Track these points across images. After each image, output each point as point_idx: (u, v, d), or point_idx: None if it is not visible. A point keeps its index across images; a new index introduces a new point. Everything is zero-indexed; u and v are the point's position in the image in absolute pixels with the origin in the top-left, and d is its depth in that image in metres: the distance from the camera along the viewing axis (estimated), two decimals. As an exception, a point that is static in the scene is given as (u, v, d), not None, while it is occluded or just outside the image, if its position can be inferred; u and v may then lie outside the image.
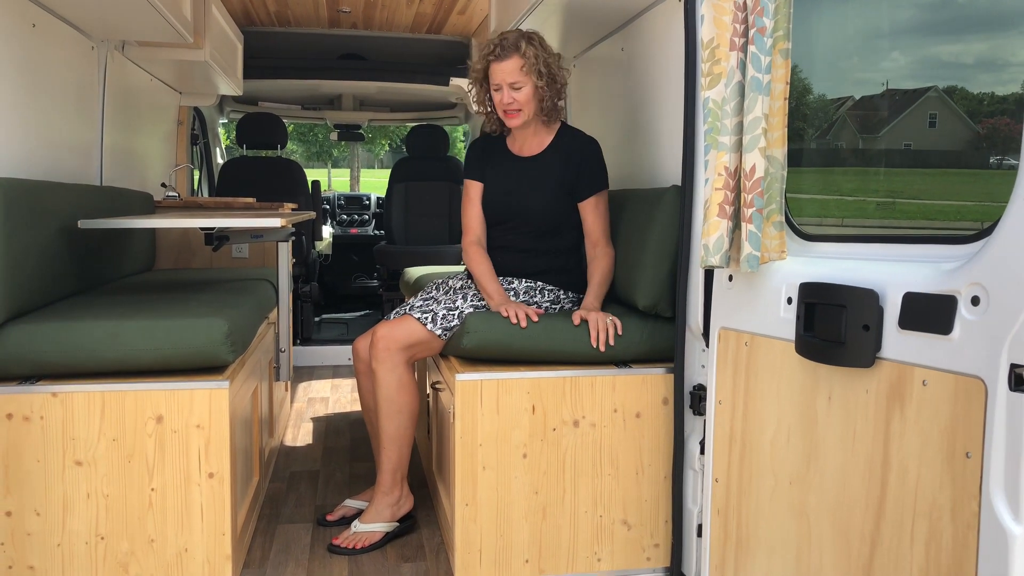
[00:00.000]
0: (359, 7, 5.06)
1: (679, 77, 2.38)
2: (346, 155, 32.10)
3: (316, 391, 4.88)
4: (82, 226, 2.50)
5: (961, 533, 1.42)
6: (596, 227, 2.72)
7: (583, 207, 2.72)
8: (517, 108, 2.65)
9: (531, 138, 2.77)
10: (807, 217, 2.12)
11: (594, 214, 2.72)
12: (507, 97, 2.64)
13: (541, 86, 2.63)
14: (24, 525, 2.25)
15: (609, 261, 2.70)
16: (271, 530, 2.85)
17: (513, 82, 2.62)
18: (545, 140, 2.77)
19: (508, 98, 2.64)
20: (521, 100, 2.64)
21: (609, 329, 2.48)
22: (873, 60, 2.34)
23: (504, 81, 2.63)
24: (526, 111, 2.66)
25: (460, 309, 2.61)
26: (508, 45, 2.63)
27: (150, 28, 3.26)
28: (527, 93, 2.63)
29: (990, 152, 2.15)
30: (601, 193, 2.73)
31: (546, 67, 2.63)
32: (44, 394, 2.24)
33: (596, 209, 2.72)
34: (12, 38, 2.63)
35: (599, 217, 2.72)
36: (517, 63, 2.61)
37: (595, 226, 2.72)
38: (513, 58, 2.61)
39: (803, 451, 1.82)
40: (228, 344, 2.37)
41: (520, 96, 2.63)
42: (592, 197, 2.71)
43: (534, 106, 2.67)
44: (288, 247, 3.46)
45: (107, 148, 3.65)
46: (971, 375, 1.40)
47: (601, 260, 2.69)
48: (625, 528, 2.53)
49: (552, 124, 2.77)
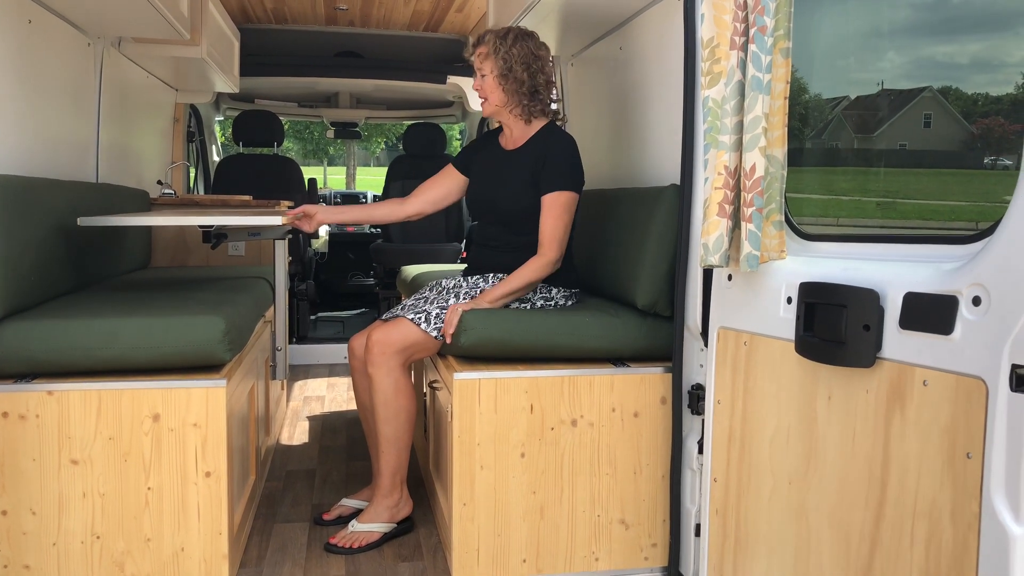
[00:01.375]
0: (356, 4, 5.04)
1: (678, 76, 2.38)
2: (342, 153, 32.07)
3: (312, 390, 4.87)
4: (81, 224, 2.48)
5: (961, 534, 1.41)
6: (545, 226, 2.63)
7: (542, 202, 2.65)
8: (483, 96, 2.75)
9: (515, 130, 2.80)
10: (803, 216, 2.12)
11: (546, 212, 2.63)
12: (476, 82, 2.76)
13: (498, 76, 2.69)
14: (20, 524, 2.24)
15: (538, 267, 2.61)
16: (268, 529, 2.84)
17: (479, 68, 2.73)
18: (526, 136, 2.79)
19: (477, 83, 2.75)
20: (485, 88, 2.72)
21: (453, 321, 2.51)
22: (869, 60, 2.33)
23: (476, 67, 2.75)
24: (491, 100, 2.73)
25: (453, 307, 2.60)
26: (483, 37, 2.73)
27: (147, 24, 3.24)
28: (490, 82, 2.71)
29: (985, 152, 2.15)
30: (558, 194, 2.63)
31: (504, 61, 2.66)
32: (40, 392, 2.23)
33: (550, 209, 2.63)
34: (8, 34, 2.62)
35: (550, 217, 2.63)
36: (482, 50, 2.71)
37: (544, 225, 2.64)
38: (480, 47, 2.72)
39: (802, 451, 1.82)
40: (225, 342, 2.36)
41: (484, 84, 2.72)
42: (548, 195, 2.64)
43: (499, 96, 2.72)
44: (284, 245, 3.44)
45: (103, 145, 3.63)
46: (972, 375, 1.40)
47: (533, 262, 2.61)
48: (623, 528, 2.53)
49: (536, 122, 2.77)
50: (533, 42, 2.70)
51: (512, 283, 2.62)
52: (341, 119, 6.93)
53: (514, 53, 2.67)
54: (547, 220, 2.64)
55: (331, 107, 6.81)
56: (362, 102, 6.89)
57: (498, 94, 2.72)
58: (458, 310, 2.52)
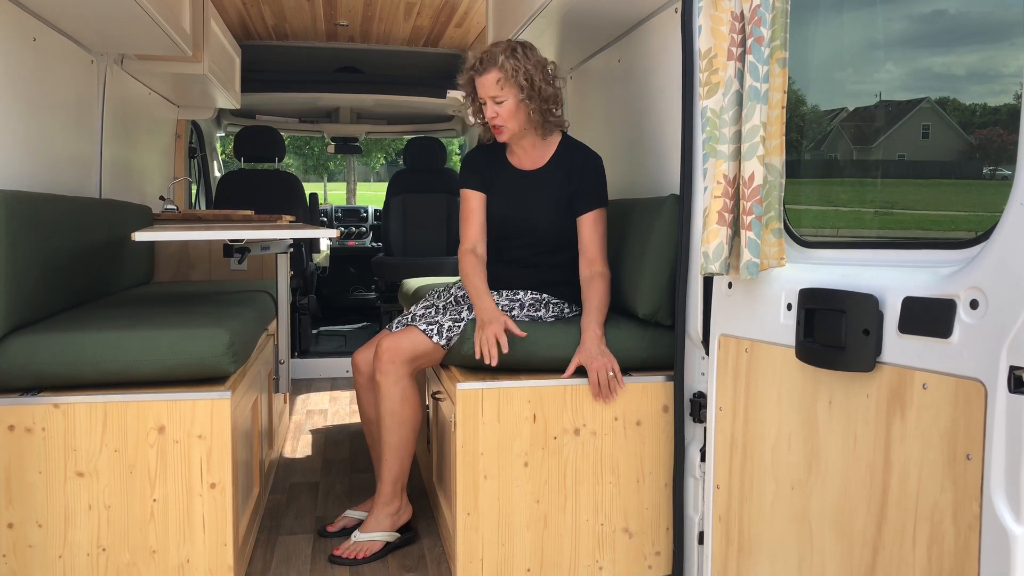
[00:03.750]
0: (356, 20, 5.09)
1: (676, 87, 2.40)
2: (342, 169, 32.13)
3: (314, 403, 4.88)
4: (136, 239, 2.44)
5: (963, 535, 1.43)
6: (592, 245, 2.65)
7: (580, 222, 2.66)
8: (501, 123, 2.61)
9: (530, 151, 2.73)
10: (802, 228, 2.13)
11: (591, 231, 2.65)
12: (490, 111, 2.61)
13: (523, 99, 2.58)
14: (26, 537, 2.25)
15: (606, 284, 2.60)
16: (272, 541, 2.85)
17: (494, 96, 2.58)
18: (546, 153, 2.72)
19: (492, 112, 2.60)
20: (504, 115, 2.59)
21: (612, 384, 2.46)
22: (866, 72, 2.35)
23: (486, 95, 2.60)
24: (510, 126, 2.62)
25: (465, 320, 2.61)
26: (488, 59, 2.59)
27: (150, 41, 3.28)
28: (509, 107, 2.59)
29: (983, 163, 2.16)
30: (599, 210, 2.66)
31: (527, 79, 2.56)
32: (46, 405, 2.24)
33: (593, 226, 2.65)
34: (12, 52, 2.65)
35: (595, 234, 2.65)
36: (495, 76, 2.56)
37: (591, 243, 2.65)
38: (492, 72, 2.57)
39: (804, 456, 1.83)
40: (229, 354, 2.38)
41: (502, 111, 2.59)
42: (590, 213, 2.65)
43: (521, 120, 2.62)
44: (287, 259, 3.47)
45: (106, 161, 3.66)
46: (971, 378, 1.42)
47: (598, 282, 2.59)
48: (626, 536, 2.53)
49: (552, 136, 2.73)
50: (536, 50, 2.66)
51: (603, 311, 2.56)
52: (342, 134, 6.97)
53: (530, 67, 2.58)
54: (593, 238, 2.65)
55: (332, 122, 6.85)
56: (362, 117, 6.93)
57: (519, 119, 2.61)
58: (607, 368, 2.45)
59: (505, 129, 2.63)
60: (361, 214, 8.25)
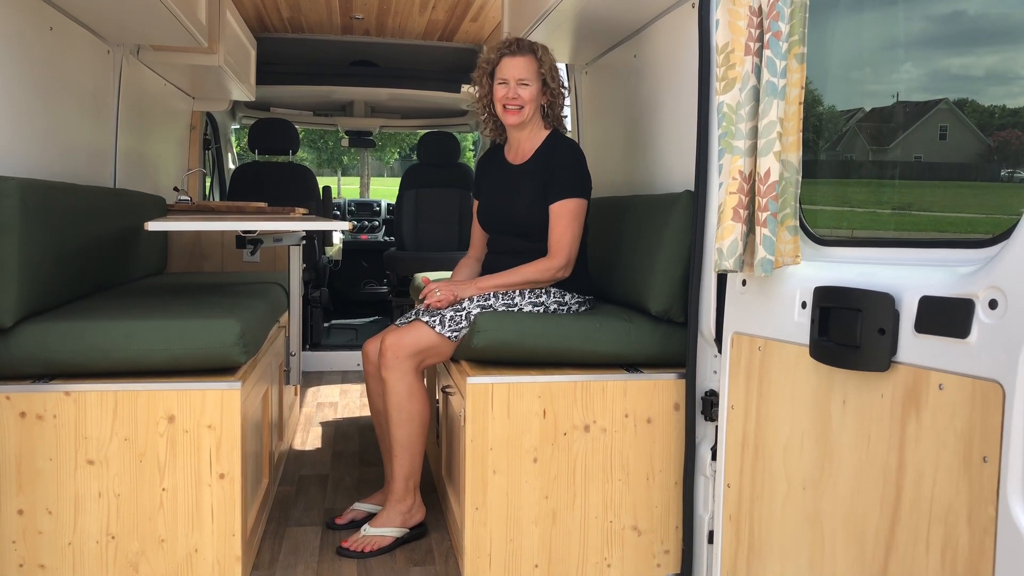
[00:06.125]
0: (372, 14, 5.08)
1: (692, 82, 2.38)
2: (356, 163, 32.19)
3: (325, 396, 4.88)
4: (150, 228, 2.46)
5: (978, 538, 1.41)
6: (553, 234, 2.67)
7: (550, 211, 2.69)
8: (519, 105, 2.71)
9: (523, 144, 2.82)
10: (818, 228, 2.12)
11: (554, 220, 2.67)
12: (512, 92, 2.71)
13: (546, 92, 2.75)
14: (36, 524, 2.26)
15: (541, 269, 2.64)
16: (280, 532, 2.85)
17: (522, 78, 2.70)
18: (534, 147, 2.81)
19: (513, 93, 2.71)
20: (525, 98, 2.71)
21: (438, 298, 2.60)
22: (884, 72, 2.33)
23: (513, 76, 2.71)
24: (527, 109, 2.72)
25: (467, 309, 2.61)
26: (524, 45, 2.74)
27: (166, 32, 3.28)
28: (532, 92, 2.71)
29: (1001, 165, 2.14)
30: (566, 201, 2.66)
31: (553, 79, 2.76)
32: (57, 393, 2.25)
33: (557, 217, 2.67)
34: (29, 41, 2.66)
35: (558, 225, 2.66)
36: (531, 62, 2.72)
37: (553, 232, 2.67)
38: (528, 57, 2.72)
39: (817, 456, 1.81)
40: (240, 345, 2.38)
41: (525, 94, 2.70)
42: (556, 203, 2.67)
43: (535, 107, 2.74)
44: (299, 252, 3.47)
45: (121, 151, 3.67)
46: (988, 379, 1.40)
47: (539, 263, 2.66)
48: (635, 534, 2.52)
49: (544, 131, 2.82)
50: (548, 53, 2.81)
51: (509, 277, 2.66)
52: (356, 128, 6.97)
53: (553, 65, 2.77)
54: (556, 228, 2.68)
55: (346, 116, 6.85)
56: (377, 111, 6.93)
57: (534, 105, 2.75)
58: (453, 291, 2.62)
59: (521, 112, 2.73)
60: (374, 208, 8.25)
